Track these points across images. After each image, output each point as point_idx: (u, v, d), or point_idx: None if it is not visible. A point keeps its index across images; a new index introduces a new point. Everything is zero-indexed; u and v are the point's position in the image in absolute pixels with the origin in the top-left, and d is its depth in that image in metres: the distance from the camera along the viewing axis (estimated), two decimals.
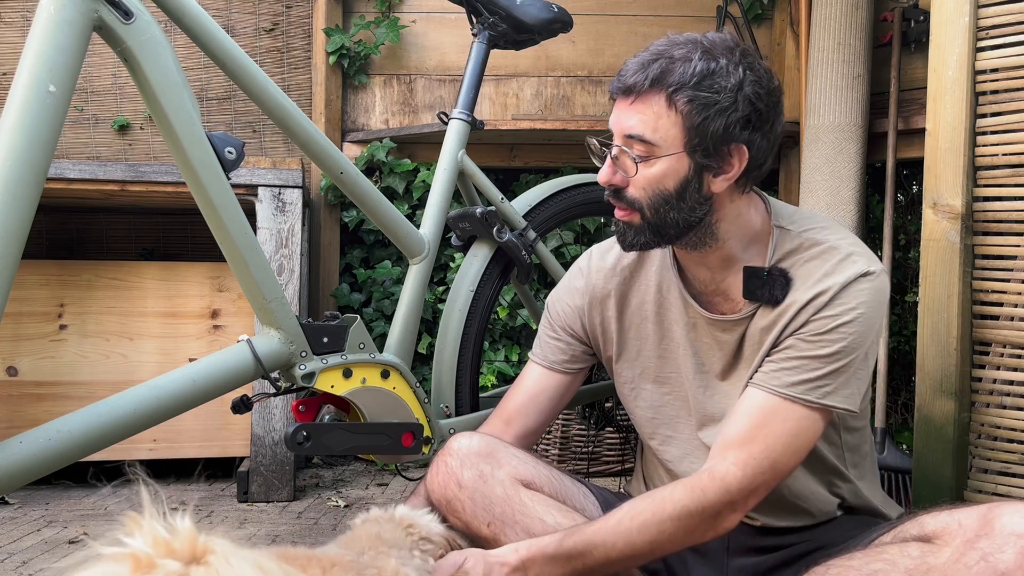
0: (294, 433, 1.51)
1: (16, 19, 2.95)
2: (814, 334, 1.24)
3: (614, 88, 1.26)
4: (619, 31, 3.08)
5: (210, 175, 1.37)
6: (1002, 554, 1.04)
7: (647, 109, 1.22)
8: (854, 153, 2.59)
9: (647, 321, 1.41)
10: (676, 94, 1.20)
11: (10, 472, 1.17)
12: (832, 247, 1.28)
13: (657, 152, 1.22)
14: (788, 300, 1.27)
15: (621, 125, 1.25)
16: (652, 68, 1.21)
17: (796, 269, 1.28)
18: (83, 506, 2.34)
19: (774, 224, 1.33)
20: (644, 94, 1.22)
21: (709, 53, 1.21)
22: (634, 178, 1.25)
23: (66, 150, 2.96)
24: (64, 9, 1.20)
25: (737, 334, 1.32)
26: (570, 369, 1.50)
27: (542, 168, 3.08)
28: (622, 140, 1.25)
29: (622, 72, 1.24)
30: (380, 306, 2.98)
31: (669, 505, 1.18)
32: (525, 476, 1.30)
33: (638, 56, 1.24)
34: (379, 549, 0.96)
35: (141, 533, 0.68)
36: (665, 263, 1.41)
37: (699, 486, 1.19)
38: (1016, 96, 1.73)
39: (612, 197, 1.30)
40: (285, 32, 3.06)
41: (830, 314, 1.23)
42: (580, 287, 1.48)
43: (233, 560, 0.69)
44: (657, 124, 1.21)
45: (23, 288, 2.46)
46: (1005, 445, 1.73)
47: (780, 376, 1.24)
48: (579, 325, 1.48)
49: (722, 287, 1.34)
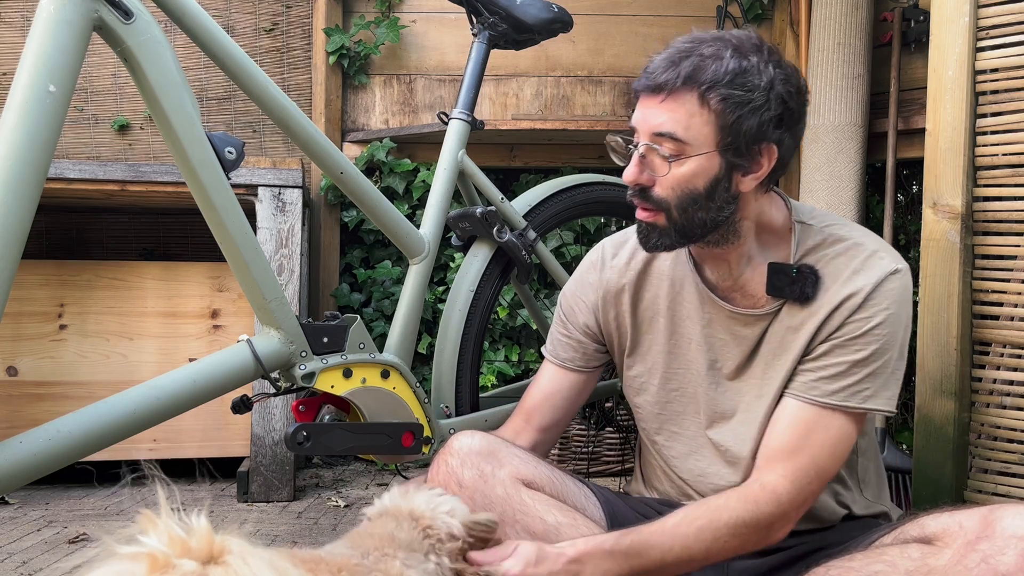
0: (294, 433, 1.51)
1: (16, 19, 2.95)
2: (849, 339, 1.24)
3: (640, 85, 1.23)
4: (619, 31, 3.08)
5: (210, 175, 1.37)
6: (1003, 556, 1.04)
7: (679, 107, 1.19)
8: (854, 153, 2.59)
9: (659, 316, 1.40)
10: (709, 92, 1.18)
11: (10, 472, 1.17)
12: (856, 243, 1.29)
13: (688, 151, 1.20)
14: (818, 300, 1.27)
15: (649, 123, 1.21)
16: (684, 65, 1.18)
17: (823, 266, 1.28)
18: (83, 506, 2.34)
19: (795, 220, 1.33)
20: (676, 92, 1.19)
21: (739, 51, 1.20)
22: (663, 177, 1.22)
23: (66, 150, 2.96)
24: (64, 9, 1.20)
25: (759, 329, 1.32)
26: (584, 368, 1.49)
27: (542, 168, 3.08)
28: (650, 138, 1.21)
29: (650, 69, 1.21)
30: (380, 306, 2.97)
31: (725, 514, 1.19)
32: (526, 476, 1.30)
33: (665, 53, 1.22)
34: (385, 551, 0.95)
35: (157, 532, 0.68)
36: (680, 257, 1.39)
37: (752, 498, 1.20)
38: (1016, 96, 1.73)
39: (637, 197, 1.26)
40: (285, 32, 3.06)
41: (863, 316, 1.24)
42: (593, 282, 1.46)
43: (250, 560, 0.69)
44: (689, 122, 1.19)
45: (23, 288, 2.46)
46: (1005, 445, 1.73)
47: (819, 386, 1.25)
48: (593, 321, 1.46)
49: (739, 283, 1.33)
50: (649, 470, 1.49)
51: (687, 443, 1.40)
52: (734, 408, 1.35)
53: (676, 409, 1.41)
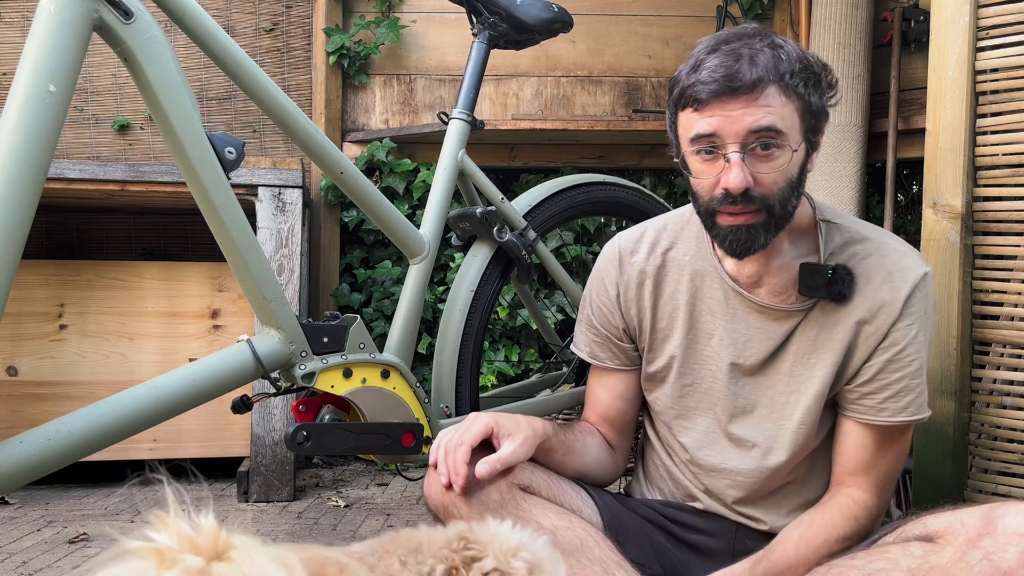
0: (294, 433, 1.51)
1: (16, 19, 2.95)
2: (898, 352, 1.29)
3: (717, 90, 1.19)
4: (619, 31, 3.08)
5: (210, 175, 1.37)
6: (1004, 553, 1.04)
7: (770, 101, 1.19)
8: (854, 153, 2.59)
9: (679, 310, 1.40)
10: (791, 80, 1.21)
11: (10, 472, 1.17)
12: (883, 243, 1.33)
13: (784, 142, 1.21)
14: (853, 300, 1.29)
15: (743, 123, 1.19)
16: (760, 61, 1.19)
17: (855, 265, 1.31)
18: (83, 506, 2.34)
19: (819, 218, 1.34)
20: (762, 88, 1.19)
21: (770, 36, 1.24)
22: (767, 174, 1.21)
23: (66, 150, 2.96)
24: (64, 9, 1.20)
25: (788, 326, 1.33)
26: (627, 367, 1.48)
27: (542, 168, 3.08)
28: (747, 137, 1.20)
29: (728, 74, 1.18)
30: (380, 306, 2.97)
31: (835, 532, 1.27)
32: (522, 480, 1.30)
33: (722, 57, 1.20)
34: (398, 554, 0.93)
35: (166, 530, 0.70)
36: (701, 252, 1.39)
37: (851, 514, 1.29)
38: (1016, 96, 1.73)
39: (737, 202, 1.21)
40: (285, 32, 3.06)
41: (905, 324, 1.28)
42: (614, 279, 1.45)
43: (255, 556, 0.70)
44: (782, 113, 1.20)
45: (23, 288, 2.46)
46: (1005, 445, 1.73)
47: (888, 406, 1.30)
48: (618, 317, 1.45)
49: (764, 279, 1.33)
50: (652, 470, 1.49)
51: (700, 437, 1.40)
52: (755, 402, 1.36)
53: (689, 404, 1.41)
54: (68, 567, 1.85)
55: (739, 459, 1.36)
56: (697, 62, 1.22)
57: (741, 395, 1.36)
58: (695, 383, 1.40)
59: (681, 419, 1.42)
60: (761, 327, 1.34)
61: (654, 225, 1.46)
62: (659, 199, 2.17)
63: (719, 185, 1.22)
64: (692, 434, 1.41)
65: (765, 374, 1.35)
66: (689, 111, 1.23)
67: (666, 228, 1.44)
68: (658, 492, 1.47)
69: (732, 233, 1.25)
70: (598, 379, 1.50)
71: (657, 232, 1.44)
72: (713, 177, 1.22)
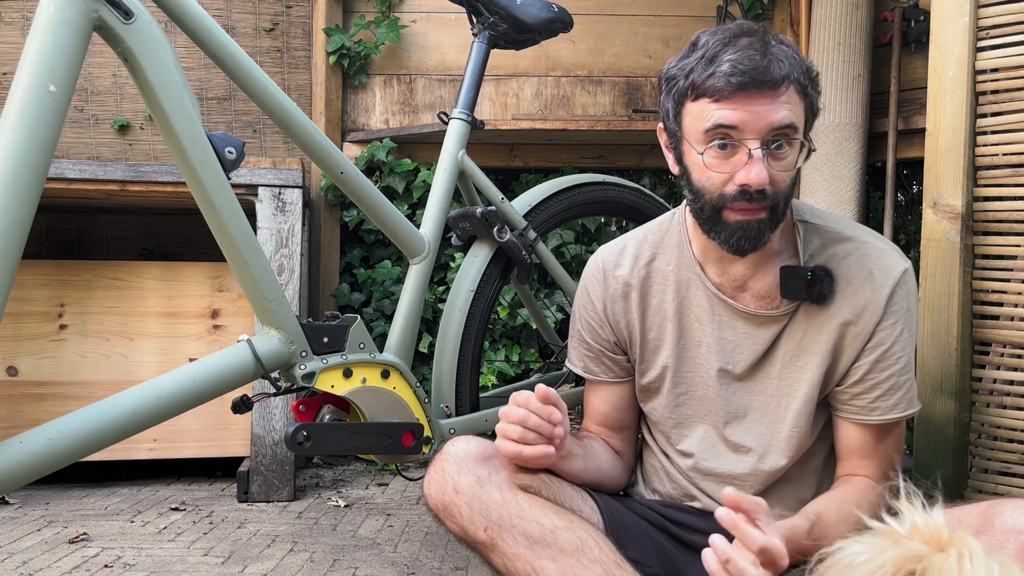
0: (294, 433, 1.51)
1: (16, 19, 2.95)
2: (884, 351, 1.29)
3: (745, 82, 1.17)
4: (619, 31, 3.08)
5: (210, 175, 1.37)
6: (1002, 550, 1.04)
7: (790, 98, 1.20)
8: (854, 153, 2.59)
9: (667, 320, 1.40)
10: (804, 80, 1.22)
11: (10, 472, 1.17)
12: (863, 242, 1.32)
13: (797, 140, 1.22)
14: (836, 301, 1.29)
15: (769, 119, 1.18)
16: (784, 58, 1.19)
17: (835, 266, 1.31)
18: (83, 506, 2.34)
19: (797, 219, 1.34)
20: (786, 85, 1.19)
21: (774, 34, 1.24)
22: (779, 172, 1.21)
23: (66, 150, 2.96)
24: (64, 9, 1.20)
25: (774, 330, 1.33)
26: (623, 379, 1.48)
27: (542, 168, 3.08)
28: (770, 133, 1.19)
29: (756, 67, 1.17)
30: (380, 306, 2.98)
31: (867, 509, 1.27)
32: (522, 480, 1.30)
33: (747, 51, 1.18)
34: None
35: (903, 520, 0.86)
36: (684, 261, 1.39)
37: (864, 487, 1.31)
38: (1016, 96, 1.73)
39: (753, 199, 1.21)
40: (285, 32, 3.06)
41: (890, 323, 1.29)
42: (599, 293, 1.45)
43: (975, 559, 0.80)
44: (798, 111, 1.22)
45: (23, 288, 2.46)
46: (1005, 445, 1.73)
47: (876, 406, 1.31)
48: (608, 330, 1.45)
49: (748, 283, 1.34)
50: (650, 472, 1.49)
51: (699, 444, 1.40)
52: (747, 407, 1.36)
53: (686, 412, 1.41)
54: (68, 567, 1.85)
55: (736, 464, 1.37)
56: (712, 53, 1.20)
57: (733, 401, 1.36)
58: (689, 391, 1.40)
59: (680, 428, 1.42)
60: (747, 333, 1.34)
61: (635, 236, 1.46)
62: (659, 199, 2.17)
63: (733, 181, 1.20)
64: (691, 442, 1.41)
65: (755, 379, 1.35)
66: (706, 101, 1.20)
67: (647, 239, 1.44)
68: (656, 494, 1.47)
69: (742, 229, 1.23)
70: (595, 392, 1.50)
71: (639, 243, 1.44)
72: (726, 172, 1.21)
